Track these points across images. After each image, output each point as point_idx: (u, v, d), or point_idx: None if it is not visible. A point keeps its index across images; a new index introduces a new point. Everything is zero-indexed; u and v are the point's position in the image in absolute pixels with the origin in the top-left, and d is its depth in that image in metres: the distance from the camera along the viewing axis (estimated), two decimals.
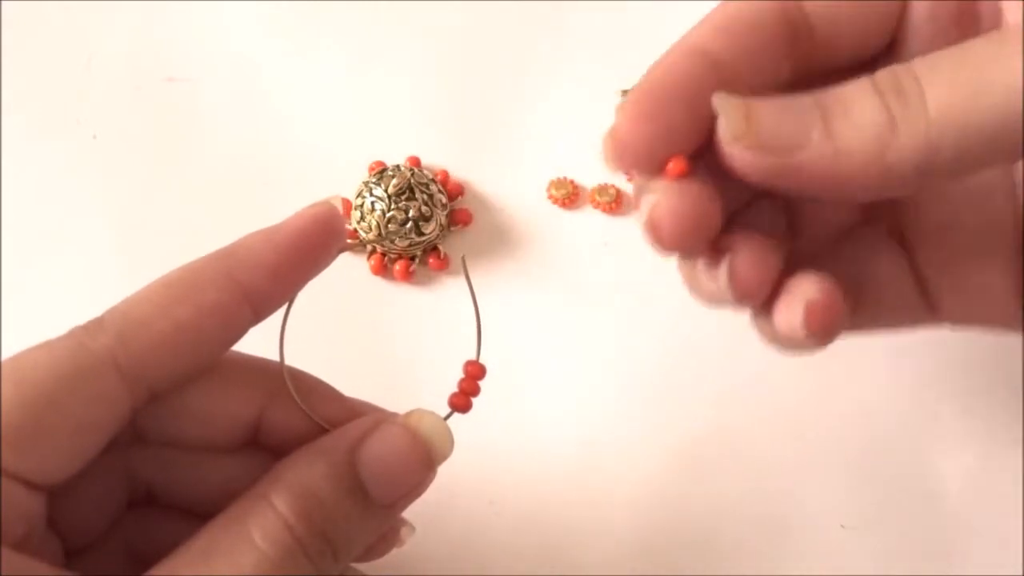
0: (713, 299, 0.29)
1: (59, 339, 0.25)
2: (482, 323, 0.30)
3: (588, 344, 0.40)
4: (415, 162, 0.43)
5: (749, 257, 0.27)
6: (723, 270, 0.27)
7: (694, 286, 0.29)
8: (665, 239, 0.27)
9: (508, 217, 0.43)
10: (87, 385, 0.24)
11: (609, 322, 0.41)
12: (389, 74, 0.45)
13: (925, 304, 0.32)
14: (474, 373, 0.29)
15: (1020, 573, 0.36)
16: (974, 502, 0.37)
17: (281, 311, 0.28)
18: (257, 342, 0.28)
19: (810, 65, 0.30)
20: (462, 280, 0.35)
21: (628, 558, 0.37)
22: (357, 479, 0.26)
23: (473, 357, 0.29)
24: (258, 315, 0.27)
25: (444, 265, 0.41)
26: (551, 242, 0.42)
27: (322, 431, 0.28)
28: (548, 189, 0.43)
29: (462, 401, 0.29)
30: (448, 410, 0.29)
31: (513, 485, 0.38)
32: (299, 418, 0.28)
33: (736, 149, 0.26)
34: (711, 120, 0.27)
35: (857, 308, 0.31)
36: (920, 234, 0.31)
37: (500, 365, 0.31)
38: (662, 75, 0.28)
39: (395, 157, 0.42)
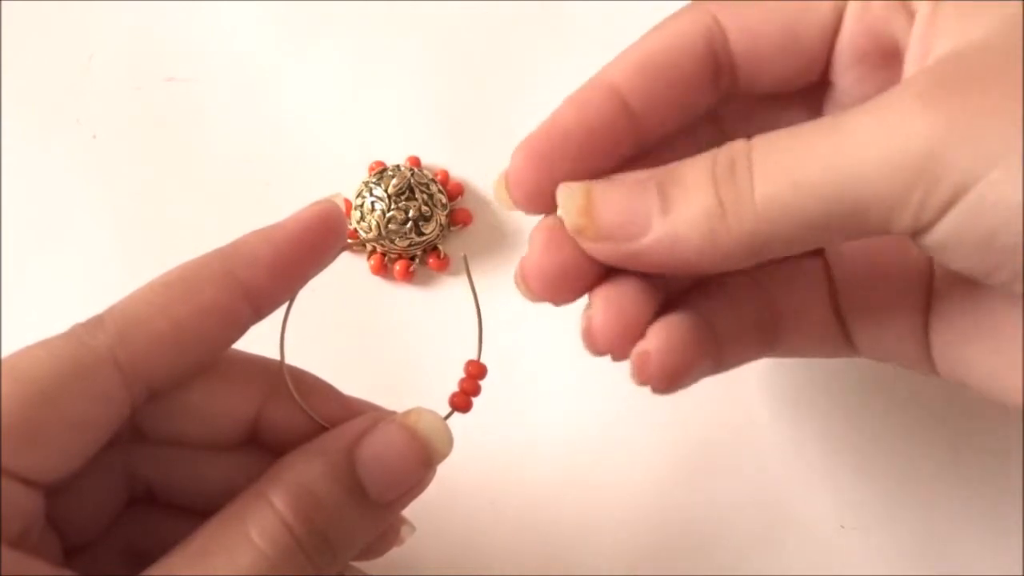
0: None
1: (59, 337, 0.25)
2: (483, 322, 0.30)
3: None
4: (415, 162, 0.43)
5: (607, 312, 0.28)
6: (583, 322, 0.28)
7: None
8: (533, 289, 0.28)
9: (508, 217, 0.43)
10: (86, 383, 0.24)
11: None
12: (389, 74, 0.45)
13: (843, 336, 0.32)
14: (475, 373, 0.29)
15: (1020, 573, 0.36)
16: (974, 502, 0.37)
17: (281, 310, 0.28)
18: (257, 341, 0.28)
19: (738, 92, 0.30)
20: (462, 280, 0.35)
21: (628, 558, 0.37)
22: (355, 478, 0.26)
23: (474, 356, 0.29)
24: (258, 313, 0.27)
25: (444, 265, 0.41)
26: None
27: (321, 430, 0.28)
28: None
29: (462, 401, 0.29)
30: (448, 409, 0.29)
31: (514, 485, 0.38)
32: (298, 417, 0.28)
33: (579, 241, 0.27)
34: (612, 159, 0.28)
35: (777, 335, 0.32)
36: (840, 270, 0.32)
37: (500, 365, 0.30)
38: (564, 115, 0.29)
39: (395, 157, 0.42)
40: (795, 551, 0.37)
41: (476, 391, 0.29)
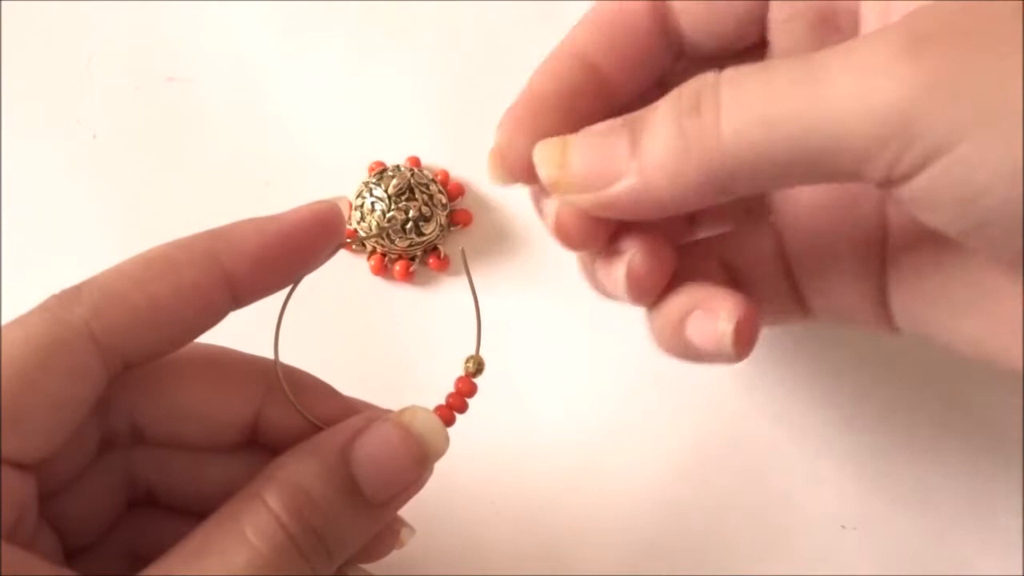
0: (608, 294, 0.31)
1: (34, 312, 0.25)
2: (482, 322, 0.30)
3: (588, 344, 0.40)
4: (415, 162, 0.42)
5: (644, 259, 0.29)
6: (620, 270, 0.29)
7: (591, 281, 0.31)
8: (573, 240, 0.29)
9: (508, 217, 0.42)
10: (63, 359, 0.24)
11: (609, 322, 0.41)
12: (389, 74, 0.44)
13: (796, 301, 0.32)
14: (464, 390, 0.29)
15: (1020, 573, 0.36)
16: (974, 502, 0.37)
17: (281, 306, 0.28)
18: (259, 341, 0.28)
19: (685, 54, 0.31)
20: (462, 280, 0.35)
21: (628, 559, 0.37)
22: (349, 477, 0.26)
23: (472, 353, 0.29)
24: (238, 302, 0.27)
25: (444, 265, 0.41)
26: (551, 242, 0.42)
27: (317, 430, 0.28)
28: None
29: (447, 415, 0.29)
30: None
31: (514, 485, 0.38)
32: (298, 418, 0.28)
33: (556, 196, 0.28)
34: (586, 122, 0.28)
35: None
36: (788, 231, 0.32)
37: (500, 365, 0.30)
38: (539, 84, 0.30)
39: (395, 157, 0.42)
40: (795, 551, 0.37)
41: (462, 408, 0.29)
